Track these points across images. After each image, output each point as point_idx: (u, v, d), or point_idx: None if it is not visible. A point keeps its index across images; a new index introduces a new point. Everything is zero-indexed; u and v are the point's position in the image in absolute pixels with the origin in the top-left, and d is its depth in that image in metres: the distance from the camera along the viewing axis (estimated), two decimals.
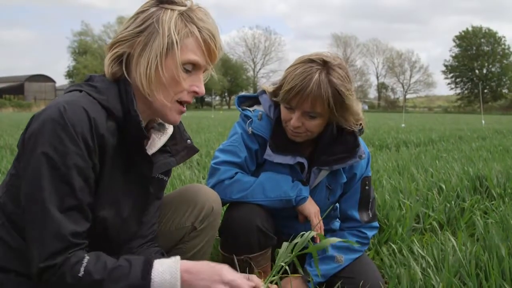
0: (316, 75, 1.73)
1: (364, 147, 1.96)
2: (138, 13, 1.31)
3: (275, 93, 1.90)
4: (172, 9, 1.29)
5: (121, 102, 1.29)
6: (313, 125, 1.82)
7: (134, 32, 1.29)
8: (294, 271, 1.77)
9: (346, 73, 1.80)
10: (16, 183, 1.26)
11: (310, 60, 1.78)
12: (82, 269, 1.14)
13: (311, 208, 1.92)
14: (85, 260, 1.16)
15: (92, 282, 1.14)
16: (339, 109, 1.79)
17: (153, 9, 1.30)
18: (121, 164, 1.32)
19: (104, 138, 1.24)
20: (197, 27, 1.29)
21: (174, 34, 1.26)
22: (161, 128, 1.48)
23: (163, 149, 1.47)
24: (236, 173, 1.90)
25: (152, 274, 1.18)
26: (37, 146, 1.16)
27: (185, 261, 1.25)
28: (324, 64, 1.76)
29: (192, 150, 1.55)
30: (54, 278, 1.14)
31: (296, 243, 1.37)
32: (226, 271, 1.25)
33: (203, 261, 1.29)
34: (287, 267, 1.41)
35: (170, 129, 1.49)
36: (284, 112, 1.85)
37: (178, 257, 1.25)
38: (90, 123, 1.20)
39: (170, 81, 1.29)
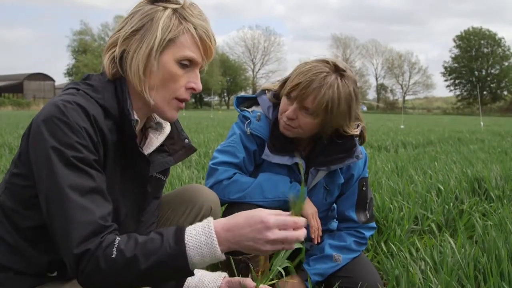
0: (323, 75, 1.74)
1: (361, 148, 1.96)
2: (132, 13, 1.32)
3: (280, 87, 1.90)
4: (166, 7, 1.29)
5: (117, 100, 1.29)
6: (306, 122, 1.82)
7: (129, 31, 1.29)
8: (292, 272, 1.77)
9: (354, 82, 1.80)
10: (18, 182, 1.27)
11: (322, 61, 1.79)
12: (114, 250, 1.12)
13: (309, 209, 1.93)
14: (117, 241, 1.14)
15: (126, 260, 1.11)
16: (337, 114, 1.79)
17: (147, 8, 1.30)
18: (119, 162, 1.32)
19: (104, 134, 1.25)
20: (192, 24, 1.30)
21: (169, 31, 1.27)
22: (158, 127, 1.48)
23: (160, 149, 1.47)
24: (235, 173, 1.90)
25: (186, 239, 1.15)
26: (44, 143, 1.16)
27: (219, 219, 1.21)
28: (335, 68, 1.77)
29: (190, 149, 1.55)
30: (90, 267, 1.11)
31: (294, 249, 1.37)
32: (266, 215, 1.18)
33: (238, 213, 1.22)
34: (282, 270, 1.41)
35: (167, 129, 1.49)
36: (283, 103, 1.85)
37: (210, 218, 1.21)
38: (90, 119, 1.21)
39: (167, 78, 1.30)
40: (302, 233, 1.20)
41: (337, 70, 1.77)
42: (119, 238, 1.15)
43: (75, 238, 1.11)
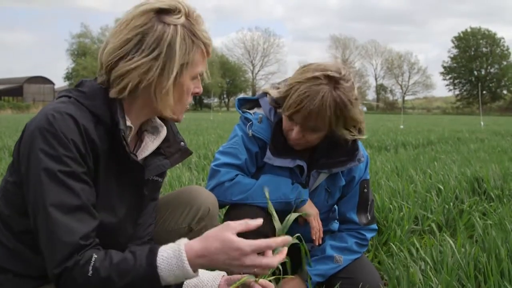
0: (321, 95, 1.71)
1: (362, 150, 1.97)
2: (141, 32, 1.26)
3: (278, 101, 1.89)
4: (175, 24, 1.27)
5: (109, 107, 1.30)
6: (314, 138, 1.83)
7: (146, 57, 1.26)
8: (294, 272, 1.77)
9: (351, 84, 1.78)
10: (12, 189, 1.28)
11: (315, 77, 1.74)
12: (90, 268, 1.15)
13: (310, 210, 1.93)
14: (93, 259, 1.16)
15: (101, 279, 1.15)
16: (341, 124, 1.80)
17: (158, 27, 1.26)
18: (114, 168, 1.33)
19: (95, 143, 1.25)
20: (201, 38, 1.32)
21: (186, 55, 1.29)
22: (154, 131, 1.49)
23: (157, 151, 1.48)
24: (237, 175, 1.91)
25: (158, 261, 1.18)
26: (32, 156, 1.19)
27: (192, 243, 1.21)
28: (330, 80, 1.74)
29: (186, 152, 1.55)
30: (68, 283, 1.16)
31: (292, 244, 1.37)
32: (242, 243, 1.19)
33: (210, 235, 1.22)
34: (280, 267, 1.41)
35: (163, 132, 1.50)
36: (285, 121, 1.85)
37: (183, 240, 1.23)
38: (80, 130, 1.22)
39: (184, 95, 1.36)
40: (275, 260, 1.24)
41: (331, 81, 1.74)
42: (96, 256, 1.17)
43: (55, 258, 1.16)
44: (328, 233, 2.11)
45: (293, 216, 1.46)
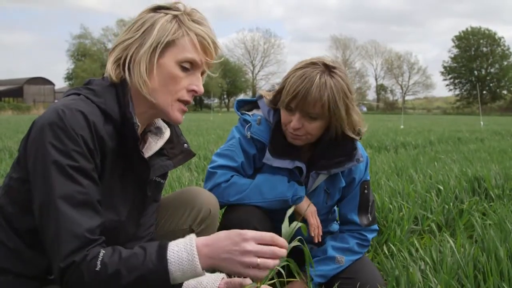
0: (318, 77, 1.74)
1: (362, 151, 1.97)
2: (135, 21, 1.35)
3: (274, 98, 1.90)
4: (166, 13, 1.33)
5: (119, 104, 1.31)
6: (313, 127, 1.82)
7: (131, 36, 1.32)
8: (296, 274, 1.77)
9: (345, 75, 1.81)
10: (16, 186, 1.28)
11: (311, 63, 1.79)
12: (98, 263, 1.15)
13: (308, 207, 1.93)
14: (101, 254, 1.16)
15: (109, 274, 1.14)
16: (339, 110, 1.79)
17: (149, 15, 1.34)
18: (119, 166, 1.33)
19: (103, 140, 1.26)
20: (192, 28, 1.33)
21: (168, 34, 1.30)
22: (158, 132, 1.49)
23: (160, 152, 1.48)
24: (232, 176, 1.91)
25: (168, 255, 1.18)
26: (40, 150, 1.19)
27: (202, 237, 1.24)
28: (325, 67, 1.78)
29: (189, 154, 1.56)
30: (74, 278, 1.15)
31: (292, 246, 1.37)
32: (246, 230, 1.22)
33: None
34: (281, 269, 1.41)
35: (167, 133, 1.51)
36: (284, 115, 1.85)
37: (193, 235, 1.25)
38: (89, 126, 1.22)
39: (168, 80, 1.32)
40: (278, 250, 1.22)
41: (327, 68, 1.78)
42: (104, 251, 1.17)
43: (62, 251, 1.15)
44: (328, 234, 2.11)
45: (299, 223, 1.45)
